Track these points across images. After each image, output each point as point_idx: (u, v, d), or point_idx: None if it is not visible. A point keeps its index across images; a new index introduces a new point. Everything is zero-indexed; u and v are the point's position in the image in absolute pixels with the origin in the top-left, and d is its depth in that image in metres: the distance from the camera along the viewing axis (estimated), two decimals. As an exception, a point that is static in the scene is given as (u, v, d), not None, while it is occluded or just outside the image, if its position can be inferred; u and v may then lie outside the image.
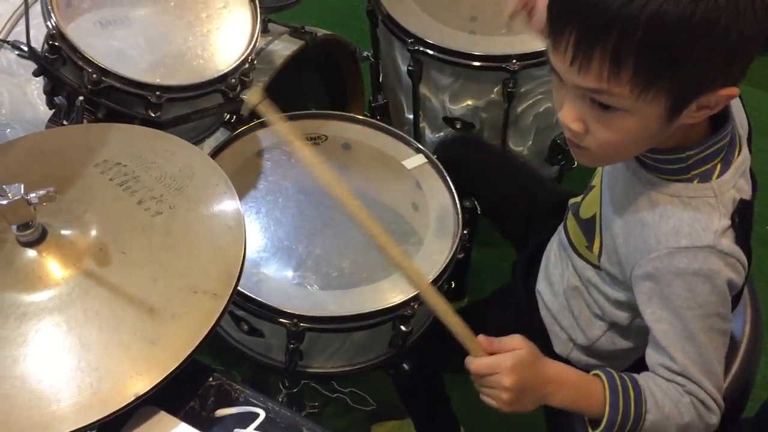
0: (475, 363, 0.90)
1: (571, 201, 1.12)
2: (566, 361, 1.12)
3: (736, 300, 0.89)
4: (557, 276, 1.13)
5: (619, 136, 0.83)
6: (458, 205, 1.27)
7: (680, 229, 0.85)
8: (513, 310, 1.21)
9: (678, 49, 0.73)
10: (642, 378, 0.90)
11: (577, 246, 1.07)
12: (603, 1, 0.74)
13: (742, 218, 0.87)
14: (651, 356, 0.91)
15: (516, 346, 0.90)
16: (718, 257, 0.84)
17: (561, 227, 1.14)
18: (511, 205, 1.36)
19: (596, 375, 0.92)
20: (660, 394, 0.88)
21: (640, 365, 1.08)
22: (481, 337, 0.91)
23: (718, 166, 0.87)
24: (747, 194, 0.89)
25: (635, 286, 0.91)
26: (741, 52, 0.76)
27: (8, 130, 1.41)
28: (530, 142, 1.64)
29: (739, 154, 0.89)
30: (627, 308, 1.00)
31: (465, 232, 1.23)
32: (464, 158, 1.45)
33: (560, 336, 1.13)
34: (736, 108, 0.92)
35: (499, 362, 0.89)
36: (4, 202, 0.75)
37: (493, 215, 1.42)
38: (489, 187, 1.40)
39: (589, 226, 1.03)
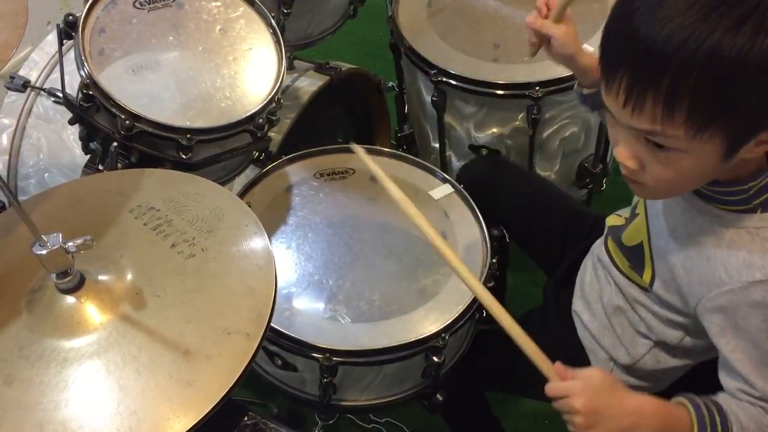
0: (549, 386, 0.90)
1: (610, 223, 1.11)
2: None
3: None
4: (594, 296, 1.13)
5: (676, 174, 0.82)
6: (486, 234, 1.27)
7: (752, 263, 0.84)
8: (547, 332, 1.21)
9: (734, 90, 0.72)
10: (724, 400, 0.89)
11: (620, 265, 1.06)
12: (655, 44, 0.72)
13: None
14: (728, 382, 0.90)
15: (590, 374, 0.89)
16: None
17: (600, 246, 1.13)
18: (543, 230, 1.35)
19: (680, 403, 0.90)
20: (744, 417, 0.87)
21: (677, 387, 1.07)
22: (558, 365, 0.90)
23: None
24: None
25: (704, 319, 0.90)
26: None
27: (46, 174, 1.45)
28: (557, 167, 1.64)
29: None
30: (680, 328, 0.99)
31: (494, 260, 1.24)
32: (490, 181, 1.45)
33: (600, 355, 1.12)
34: None
35: (570, 386, 0.88)
36: (44, 251, 0.77)
37: (523, 239, 1.41)
38: (518, 211, 1.39)
39: (635, 253, 1.02)
